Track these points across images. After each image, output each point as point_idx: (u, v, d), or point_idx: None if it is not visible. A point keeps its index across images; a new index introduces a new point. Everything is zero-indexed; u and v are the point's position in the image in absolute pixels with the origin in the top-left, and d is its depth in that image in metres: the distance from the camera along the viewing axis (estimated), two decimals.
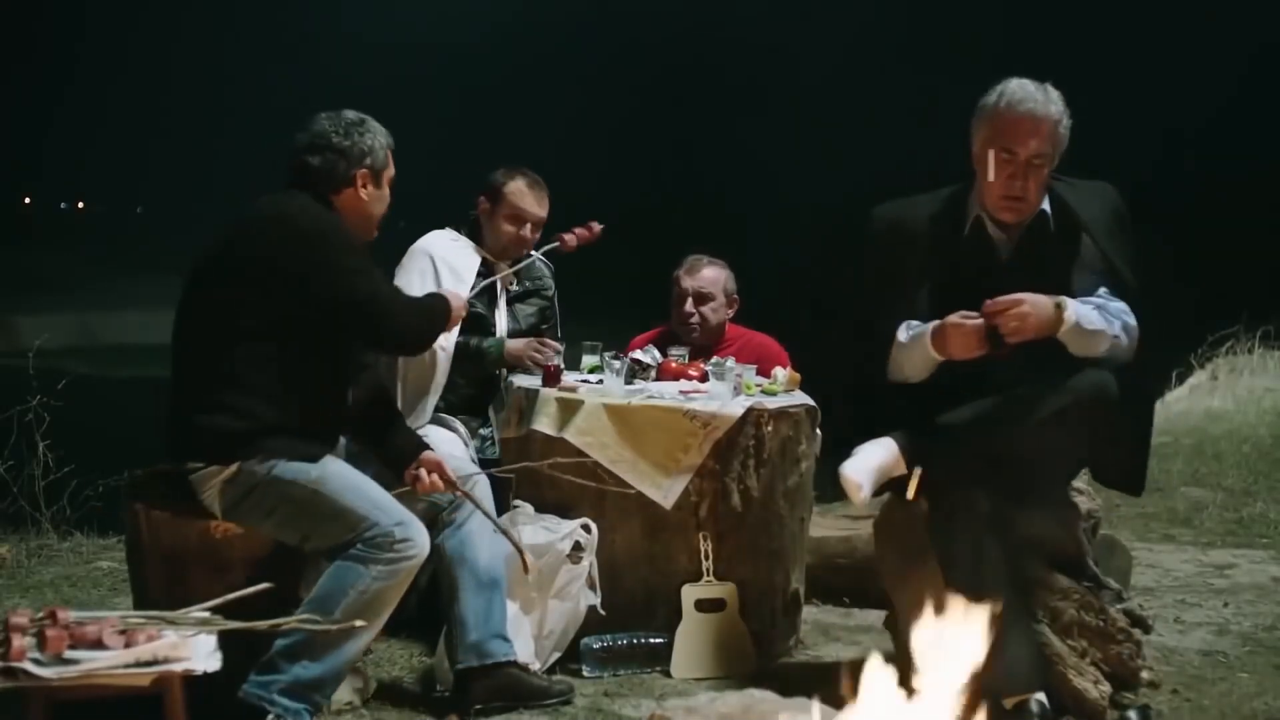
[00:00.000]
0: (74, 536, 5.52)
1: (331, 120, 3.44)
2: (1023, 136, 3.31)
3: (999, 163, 3.33)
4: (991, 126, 3.36)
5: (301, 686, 3.14)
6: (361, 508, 3.23)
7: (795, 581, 4.15)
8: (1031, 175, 3.34)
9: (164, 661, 2.67)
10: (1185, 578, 5.14)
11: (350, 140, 3.41)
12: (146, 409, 3.98)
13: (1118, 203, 3.49)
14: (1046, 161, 3.36)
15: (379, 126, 3.49)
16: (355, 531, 3.21)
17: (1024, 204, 3.37)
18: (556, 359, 4.18)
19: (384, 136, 3.49)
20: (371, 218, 3.49)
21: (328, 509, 3.23)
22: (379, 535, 3.20)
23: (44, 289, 25.84)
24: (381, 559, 3.19)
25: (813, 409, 4.10)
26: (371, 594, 3.18)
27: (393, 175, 3.53)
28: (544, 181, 4.45)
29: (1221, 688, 3.76)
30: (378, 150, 3.45)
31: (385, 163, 3.49)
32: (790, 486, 4.03)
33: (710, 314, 4.70)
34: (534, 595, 3.76)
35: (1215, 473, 7.16)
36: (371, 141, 3.44)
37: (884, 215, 3.57)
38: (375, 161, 3.44)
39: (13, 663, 2.58)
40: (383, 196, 3.50)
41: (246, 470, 3.24)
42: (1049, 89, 3.37)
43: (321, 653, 3.15)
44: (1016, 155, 3.32)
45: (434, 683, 3.65)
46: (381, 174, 3.48)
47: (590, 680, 3.78)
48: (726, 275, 4.77)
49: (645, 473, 3.87)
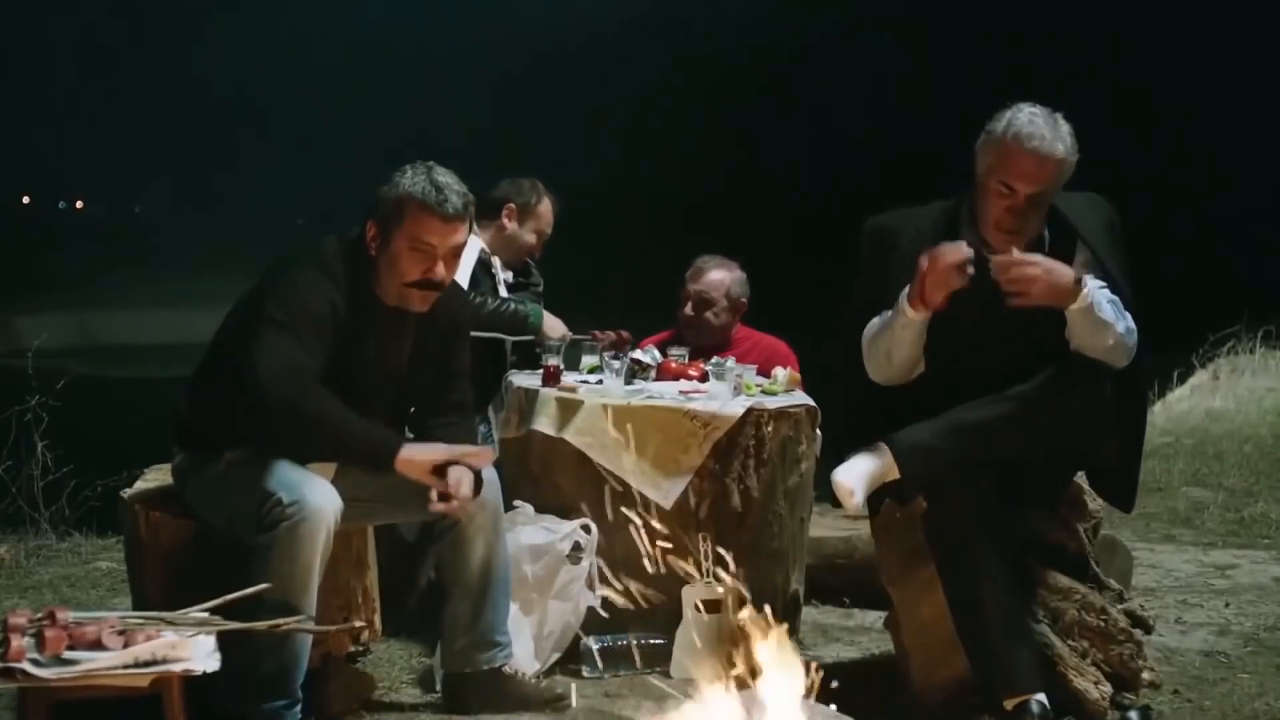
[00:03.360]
0: (73, 537, 5.52)
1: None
2: (1026, 175, 3.22)
3: (998, 195, 3.29)
4: (996, 157, 3.27)
5: (267, 684, 3.09)
6: (268, 484, 3.11)
7: (795, 582, 4.15)
8: (1032, 211, 3.27)
9: (163, 662, 2.67)
10: (1186, 578, 5.13)
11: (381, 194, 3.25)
12: (145, 409, 3.98)
13: (1111, 212, 3.47)
14: (1049, 198, 3.29)
15: (415, 179, 3.22)
16: (262, 507, 3.08)
17: (1019, 237, 3.31)
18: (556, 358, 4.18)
19: (408, 187, 3.21)
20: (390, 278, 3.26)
21: (239, 484, 3.15)
22: (273, 506, 3.07)
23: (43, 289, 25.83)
24: (278, 528, 3.05)
25: (813, 409, 4.09)
26: (276, 567, 3.04)
27: (420, 239, 3.21)
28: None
29: (1223, 688, 3.76)
30: (388, 203, 3.23)
31: (396, 220, 3.22)
32: (790, 487, 4.03)
33: (711, 319, 4.70)
34: (534, 596, 3.75)
35: (1216, 473, 7.16)
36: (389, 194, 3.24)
37: (876, 228, 3.55)
38: (385, 217, 3.24)
39: (12, 663, 2.58)
40: (395, 255, 3.23)
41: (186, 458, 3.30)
42: (1059, 122, 3.27)
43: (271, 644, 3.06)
44: (1017, 192, 3.24)
45: (433, 684, 3.64)
46: (390, 234, 3.22)
47: (590, 680, 3.77)
48: (734, 278, 4.76)
49: (645, 473, 3.86)
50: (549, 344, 4.27)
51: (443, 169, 3.28)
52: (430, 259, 3.22)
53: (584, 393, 4.00)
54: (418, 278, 3.23)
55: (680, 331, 4.77)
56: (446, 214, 3.20)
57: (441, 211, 3.20)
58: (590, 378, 4.21)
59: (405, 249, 3.20)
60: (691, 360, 4.34)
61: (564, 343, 4.40)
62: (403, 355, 3.36)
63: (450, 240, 3.24)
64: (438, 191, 3.20)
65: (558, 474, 3.96)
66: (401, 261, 3.22)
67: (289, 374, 3.06)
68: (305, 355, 3.10)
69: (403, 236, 3.20)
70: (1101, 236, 3.40)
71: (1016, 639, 3.23)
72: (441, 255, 3.23)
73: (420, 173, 3.24)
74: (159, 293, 25.97)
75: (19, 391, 5.60)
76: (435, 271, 3.23)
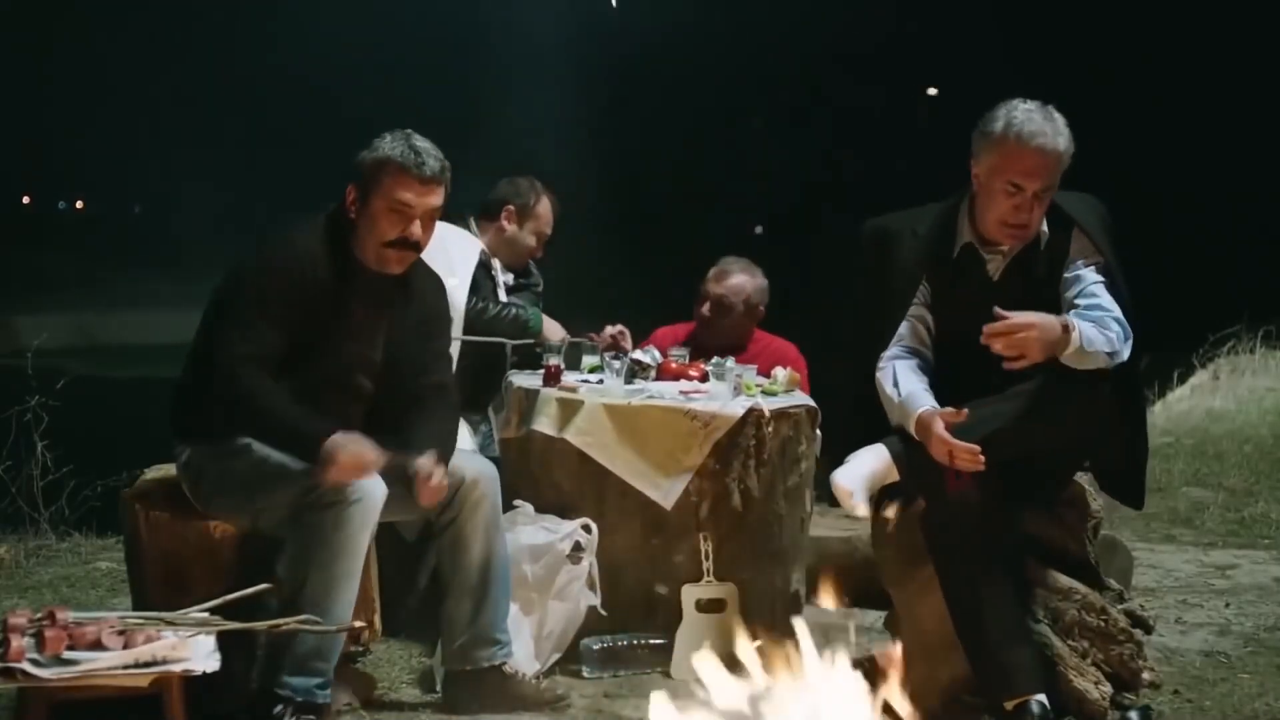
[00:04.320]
0: (73, 537, 5.51)
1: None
2: (1033, 172, 3.26)
3: (1005, 194, 3.30)
4: (1000, 157, 3.29)
5: (301, 660, 3.13)
6: (298, 465, 3.16)
7: (795, 582, 4.15)
8: (1037, 205, 3.31)
9: (163, 662, 2.67)
10: (1186, 578, 5.13)
11: (361, 158, 3.35)
12: (145, 409, 3.98)
13: (1105, 213, 3.49)
14: (1053, 191, 3.33)
15: (394, 143, 3.33)
16: (302, 489, 3.13)
17: (1026, 231, 3.34)
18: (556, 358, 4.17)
19: (387, 151, 3.32)
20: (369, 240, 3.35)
21: (271, 472, 3.19)
22: (319, 489, 3.12)
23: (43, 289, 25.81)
24: (331, 509, 3.11)
25: (813, 409, 4.09)
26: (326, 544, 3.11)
27: (398, 199, 3.31)
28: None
29: (1223, 688, 3.76)
30: (366, 166, 3.34)
31: (375, 182, 3.32)
32: (790, 487, 4.02)
33: (729, 325, 4.71)
34: (534, 596, 3.75)
35: (1217, 473, 7.15)
36: (367, 157, 3.35)
37: (875, 230, 3.56)
38: (364, 179, 3.34)
39: (12, 663, 2.58)
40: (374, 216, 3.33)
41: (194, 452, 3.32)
42: (1055, 115, 3.31)
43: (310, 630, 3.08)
44: (1024, 190, 3.27)
45: (433, 684, 3.64)
46: (369, 195, 3.32)
47: (590, 681, 3.77)
48: (755, 285, 4.77)
49: (645, 473, 3.87)
50: (549, 345, 4.27)
51: (420, 136, 3.39)
52: (407, 219, 3.33)
53: (584, 393, 4.00)
54: (395, 237, 3.33)
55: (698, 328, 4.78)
56: (424, 175, 3.32)
57: (419, 173, 3.31)
58: (591, 377, 4.21)
59: (384, 210, 3.31)
60: (694, 360, 4.34)
61: (564, 345, 4.40)
62: (382, 321, 3.43)
63: (427, 201, 3.35)
64: (415, 155, 3.32)
65: (558, 474, 3.96)
66: (380, 222, 3.33)
67: (234, 364, 3.19)
68: (253, 341, 3.21)
69: (381, 197, 3.31)
70: (1103, 236, 3.41)
71: (1016, 639, 3.24)
72: (419, 215, 3.34)
73: (399, 138, 3.36)
74: (159, 293, 25.93)
75: (19, 391, 5.59)
76: (412, 232, 3.34)
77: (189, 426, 3.36)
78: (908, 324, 3.44)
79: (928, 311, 3.45)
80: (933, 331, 3.45)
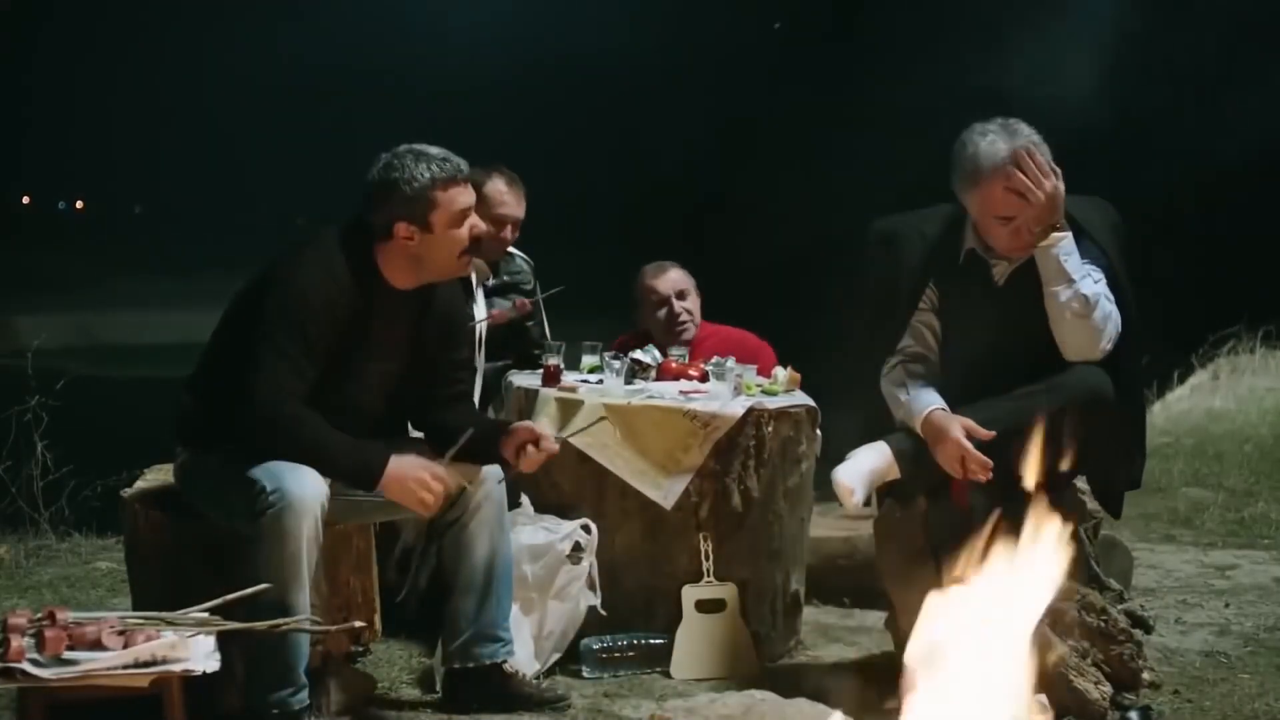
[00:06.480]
0: (72, 537, 5.51)
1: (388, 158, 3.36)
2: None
3: (999, 225, 3.30)
4: (982, 196, 3.30)
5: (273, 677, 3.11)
6: (254, 473, 3.13)
7: (795, 582, 4.15)
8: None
9: (163, 662, 2.67)
10: (1186, 578, 5.13)
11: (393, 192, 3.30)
12: (145, 409, 3.98)
13: (1115, 216, 3.49)
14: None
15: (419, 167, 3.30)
16: (251, 498, 3.11)
17: (1029, 250, 3.35)
18: (556, 358, 4.16)
19: (424, 174, 3.29)
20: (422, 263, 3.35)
21: (234, 477, 3.16)
22: (258, 495, 3.10)
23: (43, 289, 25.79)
24: (264, 517, 3.08)
25: (813, 409, 4.09)
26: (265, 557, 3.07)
27: (458, 208, 3.32)
28: (520, 178, 4.52)
29: (1223, 689, 3.76)
30: (411, 199, 3.29)
31: (428, 205, 3.30)
32: (790, 486, 4.02)
33: (694, 308, 4.69)
34: (534, 596, 3.75)
35: (1216, 473, 7.15)
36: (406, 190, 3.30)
37: (882, 231, 3.56)
38: (413, 209, 3.30)
39: (12, 663, 2.58)
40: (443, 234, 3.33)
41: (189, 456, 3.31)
42: (1019, 129, 3.29)
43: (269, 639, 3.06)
44: (1015, 218, 3.28)
45: (434, 684, 3.64)
46: (429, 219, 3.30)
47: (590, 681, 3.77)
48: (686, 273, 4.76)
49: (645, 473, 3.86)
50: (548, 345, 4.25)
51: (419, 144, 3.38)
52: (468, 222, 3.38)
53: (584, 393, 4.00)
54: (469, 242, 3.38)
55: (649, 333, 4.64)
56: (463, 174, 3.37)
57: (460, 174, 3.36)
58: (590, 378, 4.21)
59: (448, 225, 3.33)
60: (664, 360, 4.31)
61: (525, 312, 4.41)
62: (404, 335, 3.42)
63: (472, 195, 3.43)
64: (444, 162, 3.34)
65: (558, 474, 3.95)
66: (451, 237, 3.35)
67: (279, 398, 3.15)
68: (296, 374, 3.18)
69: (441, 214, 3.32)
70: (1108, 238, 3.41)
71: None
72: (473, 211, 3.41)
73: (414, 157, 3.33)
74: (159, 293, 25.95)
75: (19, 391, 5.59)
76: (476, 228, 3.41)
77: (198, 438, 3.31)
78: (914, 329, 3.45)
79: (934, 317, 3.46)
80: (939, 337, 3.46)
